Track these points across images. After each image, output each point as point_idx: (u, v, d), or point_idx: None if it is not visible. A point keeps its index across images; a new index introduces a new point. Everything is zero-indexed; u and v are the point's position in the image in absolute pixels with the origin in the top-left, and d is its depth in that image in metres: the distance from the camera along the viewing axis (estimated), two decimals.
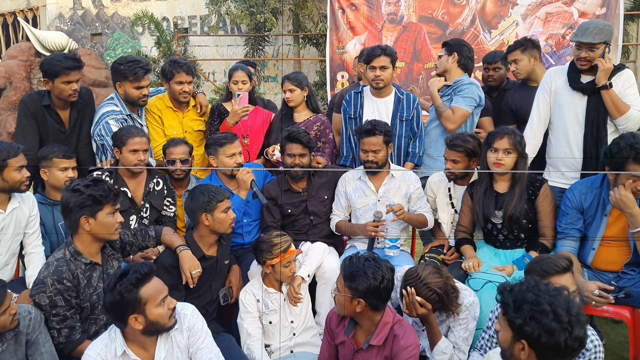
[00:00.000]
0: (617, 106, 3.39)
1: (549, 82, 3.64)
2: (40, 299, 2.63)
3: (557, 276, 2.52)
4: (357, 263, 2.55)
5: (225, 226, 3.17)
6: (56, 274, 2.65)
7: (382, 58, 3.93)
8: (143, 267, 2.34)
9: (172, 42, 10.70)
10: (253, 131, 4.22)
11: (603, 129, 3.45)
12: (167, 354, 2.45)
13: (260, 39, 10.36)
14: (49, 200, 3.47)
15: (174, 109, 4.12)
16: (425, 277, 2.75)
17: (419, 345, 2.63)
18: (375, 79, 3.98)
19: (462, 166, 3.50)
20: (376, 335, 2.59)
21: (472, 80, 3.98)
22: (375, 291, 2.51)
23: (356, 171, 3.77)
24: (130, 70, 3.76)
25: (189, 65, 4.05)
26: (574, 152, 3.53)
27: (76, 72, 3.66)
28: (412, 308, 2.75)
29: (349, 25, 9.01)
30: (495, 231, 3.39)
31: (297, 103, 4.17)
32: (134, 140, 3.48)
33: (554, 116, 3.63)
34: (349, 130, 4.16)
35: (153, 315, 2.32)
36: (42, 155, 3.47)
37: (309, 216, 3.78)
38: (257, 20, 9.77)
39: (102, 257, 2.84)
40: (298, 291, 3.23)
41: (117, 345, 2.37)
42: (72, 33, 11.60)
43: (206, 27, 11.08)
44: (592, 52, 3.41)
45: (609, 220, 3.13)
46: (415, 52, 8.92)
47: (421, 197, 3.72)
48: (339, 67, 9.12)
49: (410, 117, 4.05)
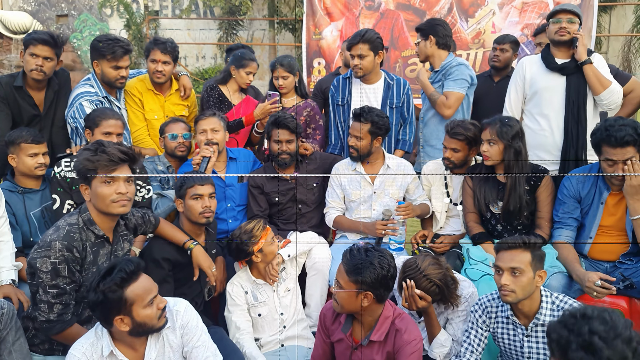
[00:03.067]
0: (600, 81, 3.41)
1: (522, 72, 3.64)
2: (42, 264, 2.34)
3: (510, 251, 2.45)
4: (359, 255, 2.43)
5: (195, 215, 3.01)
6: (67, 239, 2.38)
7: (359, 46, 3.79)
8: (129, 264, 2.14)
9: (142, 25, 10.36)
10: (246, 120, 4.02)
11: (583, 109, 3.47)
12: (157, 354, 2.28)
13: (234, 23, 10.13)
14: (19, 187, 3.26)
15: (155, 92, 3.92)
16: (424, 268, 2.66)
17: (422, 339, 2.55)
18: (354, 68, 3.85)
19: (462, 155, 3.39)
20: (377, 330, 2.48)
21: (461, 61, 3.88)
22: (384, 281, 2.40)
23: (348, 162, 3.63)
24: (109, 48, 3.56)
25: (166, 44, 3.84)
26: (555, 135, 3.53)
27: (44, 47, 3.48)
28: (412, 301, 2.65)
29: (325, 10, 8.88)
30: (494, 220, 3.33)
31: (290, 89, 4.06)
32: (108, 122, 3.25)
33: (530, 103, 3.62)
34: (337, 117, 4.02)
35: (140, 316, 2.14)
36: (10, 140, 3.25)
37: (297, 205, 3.64)
38: (232, 4, 9.54)
39: (114, 237, 2.61)
40: (276, 269, 3.12)
41: (104, 344, 2.20)
42: (36, 14, 11.12)
43: (178, 9, 10.77)
44: (571, 24, 3.48)
45: (606, 208, 3.09)
46: (392, 40, 8.83)
47: (418, 186, 3.64)
48: (316, 54, 8.98)
49: (400, 103, 3.93)
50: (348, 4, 8.83)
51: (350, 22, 8.84)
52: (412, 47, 8.65)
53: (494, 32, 8.13)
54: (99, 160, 2.39)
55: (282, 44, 10.48)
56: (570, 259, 3.02)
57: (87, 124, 3.32)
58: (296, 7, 9.55)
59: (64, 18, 11.28)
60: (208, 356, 2.33)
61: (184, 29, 11.00)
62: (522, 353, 2.55)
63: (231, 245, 3.06)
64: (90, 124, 3.29)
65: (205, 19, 10.77)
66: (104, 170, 2.40)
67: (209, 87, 4.06)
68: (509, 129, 3.17)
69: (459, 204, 3.52)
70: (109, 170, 2.41)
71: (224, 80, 4.08)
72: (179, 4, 10.77)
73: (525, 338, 2.53)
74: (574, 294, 2.98)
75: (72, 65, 9.91)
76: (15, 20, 9.70)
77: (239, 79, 4.02)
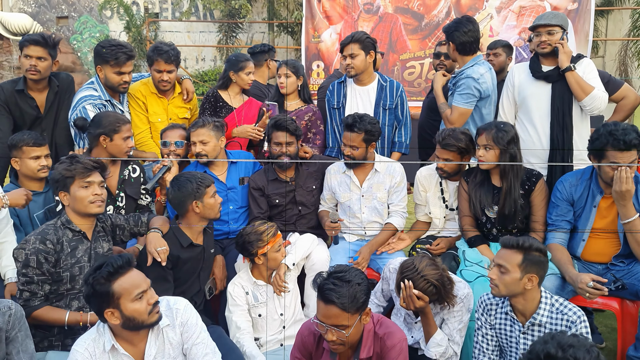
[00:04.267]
0: (581, 87, 3.47)
1: (512, 79, 3.73)
2: (18, 254, 2.65)
3: (505, 249, 2.56)
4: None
5: (215, 211, 3.15)
6: (41, 234, 2.69)
7: (350, 46, 3.88)
8: (119, 259, 2.25)
9: (142, 27, 10.42)
10: (247, 122, 4.09)
11: (568, 116, 3.55)
12: (157, 351, 2.34)
13: (233, 26, 10.19)
14: None
15: (158, 95, 3.97)
16: (422, 269, 2.72)
17: (406, 338, 2.60)
18: (347, 68, 3.93)
19: (454, 164, 3.44)
20: (364, 347, 2.49)
21: (470, 72, 3.72)
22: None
23: (341, 164, 3.71)
24: (112, 54, 3.61)
25: (169, 53, 3.84)
26: (542, 140, 3.60)
27: (37, 48, 3.58)
28: (410, 301, 2.71)
29: (325, 14, 8.92)
30: (489, 224, 3.39)
31: (290, 91, 4.10)
32: (126, 126, 3.37)
33: (520, 110, 3.71)
34: (333, 121, 4.09)
35: (129, 310, 2.22)
36: (12, 143, 3.29)
37: (297, 206, 3.71)
38: (231, 7, 9.60)
39: (93, 235, 2.87)
40: (283, 279, 3.18)
41: (106, 339, 2.28)
42: (36, 15, 11.17)
43: (178, 12, 10.82)
44: (551, 36, 3.54)
45: (598, 212, 3.15)
46: (391, 43, 8.90)
47: (397, 191, 3.64)
48: (314, 57, 9.03)
49: (393, 105, 3.98)
50: (347, 7, 8.87)
51: (349, 26, 8.88)
52: (410, 50, 8.72)
53: (492, 36, 8.19)
54: (76, 168, 2.77)
55: (281, 46, 10.54)
56: (563, 261, 3.08)
57: (104, 130, 3.30)
58: (295, 11, 9.60)
59: (64, 20, 11.33)
60: (207, 353, 2.40)
61: (184, 32, 11.06)
62: (517, 349, 2.63)
63: (238, 240, 3.14)
64: (107, 130, 3.29)
65: (205, 21, 10.84)
66: (80, 177, 2.77)
67: (206, 95, 4.13)
68: (505, 134, 3.23)
69: (455, 209, 3.58)
70: (85, 176, 2.78)
71: (224, 86, 4.14)
72: (179, 7, 10.83)
73: (521, 335, 2.60)
74: (567, 295, 3.05)
75: (72, 66, 9.97)
76: (15, 22, 9.75)
77: (240, 82, 4.09)
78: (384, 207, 3.63)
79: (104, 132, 3.31)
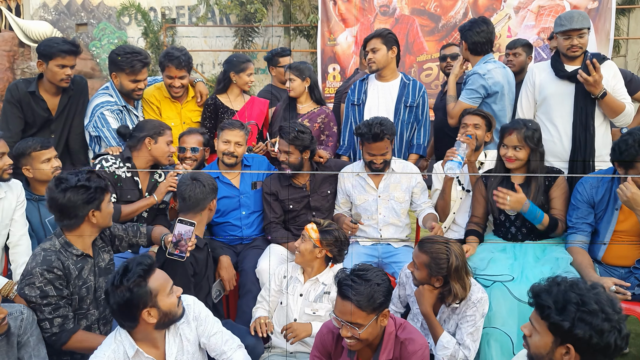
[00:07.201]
0: (614, 109, 3.43)
1: (532, 78, 3.67)
2: (30, 291, 2.51)
3: None
4: None
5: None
6: (45, 264, 2.54)
7: (372, 40, 3.89)
8: (144, 259, 2.25)
9: (160, 33, 10.49)
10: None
11: (591, 117, 3.49)
12: (178, 349, 2.35)
13: (249, 30, 10.21)
14: (34, 195, 3.27)
15: (172, 99, 3.98)
16: (450, 241, 2.72)
17: (428, 345, 2.54)
18: (369, 62, 3.92)
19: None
20: (384, 349, 2.43)
21: (477, 69, 3.76)
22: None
23: (355, 166, 3.66)
24: (128, 62, 3.63)
25: (180, 59, 3.84)
26: (562, 140, 3.55)
27: (72, 57, 3.57)
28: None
29: (340, 17, 8.91)
30: (508, 223, 3.33)
31: (298, 94, 4.09)
32: (169, 132, 3.45)
33: (540, 109, 3.65)
34: (350, 118, 4.06)
35: (166, 305, 2.24)
36: (19, 152, 3.21)
37: (311, 212, 3.67)
38: (247, 11, 9.62)
39: (94, 250, 2.76)
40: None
41: (127, 346, 2.25)
42: (56, 23, 11.31)
43: (194, 17, 10.88)
44: (582, 38, 3.48)
45: (621, 214, 3.07)
46: (407, 45, 8.83)
47: (424, 191, 3.64)
48: (330, 60, 9.02)
49: (415, 103, 3.94)
50: (363, 9, 8.84)
51: (365, 28, 8.84)
52: (427, 52, 8.64)
53: (510, 36, 8.09)
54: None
55: (297, 50, 10.53)
56: (584, 265, 3.01)
57: (150, 133, 3.37)
58: (311, 14, 9.59)
59: (83, 27, 11.47)
60: (227, 340, 2.45)
61: (201, 37, 11.11)
62: None
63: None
64: (152, 133, 3.38)
65: (221, 26, 10.87)
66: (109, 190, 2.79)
67: (205, 103, 4.10)
68: (534, 132, 3.22)
69: (471, 191, 3.55)
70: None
71: (224, 89, 4.13)
72: (195, 12, 10.88)
73: None
74: None
75: (91, 72, 10.06)
76: (36, 30, 9.88)
77: (240, 83, 4.08)
78: (402, 207, 3.58)
79: (150, 134, 3.37)
